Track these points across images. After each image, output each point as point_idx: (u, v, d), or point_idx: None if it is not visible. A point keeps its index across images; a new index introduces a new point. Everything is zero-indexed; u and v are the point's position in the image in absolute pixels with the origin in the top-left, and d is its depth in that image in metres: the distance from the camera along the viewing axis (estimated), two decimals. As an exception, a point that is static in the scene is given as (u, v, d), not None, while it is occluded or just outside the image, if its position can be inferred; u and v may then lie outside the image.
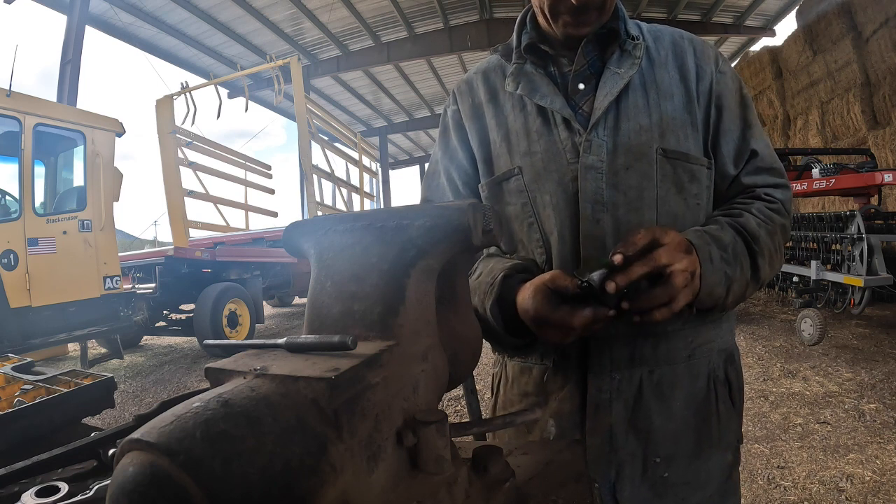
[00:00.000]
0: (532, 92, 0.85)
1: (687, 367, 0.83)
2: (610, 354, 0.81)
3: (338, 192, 9.76)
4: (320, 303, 0.48)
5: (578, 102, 0.84)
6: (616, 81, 0.81)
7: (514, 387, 0.92)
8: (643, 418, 0.81)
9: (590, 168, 0.80)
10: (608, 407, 0.81)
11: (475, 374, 0.75)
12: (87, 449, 0.56)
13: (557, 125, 0.83)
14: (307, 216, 7.82)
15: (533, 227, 0.86)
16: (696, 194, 0.83)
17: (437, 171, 1.00)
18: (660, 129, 0.81)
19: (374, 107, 17.12)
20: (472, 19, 11.77)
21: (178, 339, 7.48)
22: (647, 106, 0.82)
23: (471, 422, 0.57)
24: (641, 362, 0.81)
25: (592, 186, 0.80)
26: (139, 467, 0.29)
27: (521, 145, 0.86)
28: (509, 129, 0.89)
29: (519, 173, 0.86)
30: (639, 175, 0.80)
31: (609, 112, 0.81)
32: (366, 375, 0.38)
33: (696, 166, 0.82)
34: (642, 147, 0.80)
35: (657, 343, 0.81)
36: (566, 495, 0.48)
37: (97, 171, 5.33)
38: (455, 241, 0.46)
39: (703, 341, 0.84)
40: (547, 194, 0.83)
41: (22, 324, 4.56)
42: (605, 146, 0.80)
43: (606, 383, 0.81)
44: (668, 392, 0.82)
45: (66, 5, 7.57)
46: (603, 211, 0.80)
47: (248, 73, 9.16)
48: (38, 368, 1.15)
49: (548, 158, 0.83)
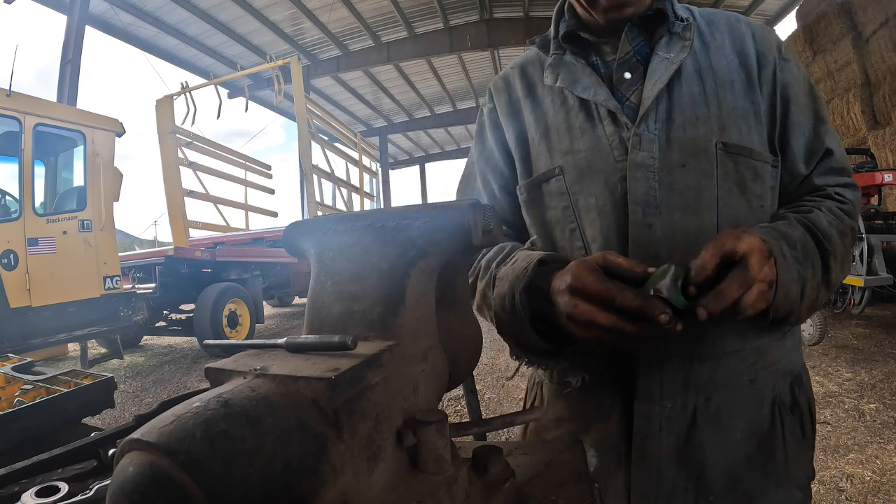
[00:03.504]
0: (573, 83, 0.76)
1: (749, 392, 0.72)
2: (660, 379, 0.71)
3: (338, 192, 9.76)
4: (320, 303, 0.48)
5: (625, 93, 0.75)
6: (666, 67, 0.72)
7: (549, 411, 0.84)
8: (696, 452, 0.71)
9: (640, 166, 0.71)
10: (657, 438, 0.71)
11: (475, 374, 0.73)
12: (87, 449, 0.56)
13: (602, 119, 0.74)
14: (307, 216, 7.82)
15: (575, 233, 0.77)
16: (759, 195, 0.73)
17: (472, 174, 0.93)
18: (719, 121, 0.71)
19: (374, 107, 17.12)
20: (472, 19, 11.78)
21: (178, 339, 7.48)
22: (704, 94, 0.72)
23: (471, 422, 0.57)
24: (697, 388, 0.71)
25: (643, 187, 0.70)
26: (139, 467, 0.29)
27: (563, 143, 0.78)
28: (549, 125, 0.80)
29: (560, 173, 0.77)
30: (696, 173, 0.70)
31: (660, 102, 0.72)
32: (366, 375, 0.38)
33: (761, 163, 0.72)
34: (699, 141, 0.70)
35: (715, 365, 0.71)
36: (566, 495, 0.48)
37: (97, 171, 5.33)
38: (455, 241, 0.46)
39: (767, 362, 0.73)
40: (591, 196, 0.74)
41: (22, 324, 4.56)
42: (656, 141, 0.71)
43: (656, 412, 0.71)
44: (727, 422, 0.71)
45: (66, 5, 7.57)
46: (655, 214, 0.70)
47: (248, 73, 9.16)
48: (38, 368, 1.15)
49: (592, 156, 0.75)
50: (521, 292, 0.66)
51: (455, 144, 25.81)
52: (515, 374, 0.96)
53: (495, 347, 5.65)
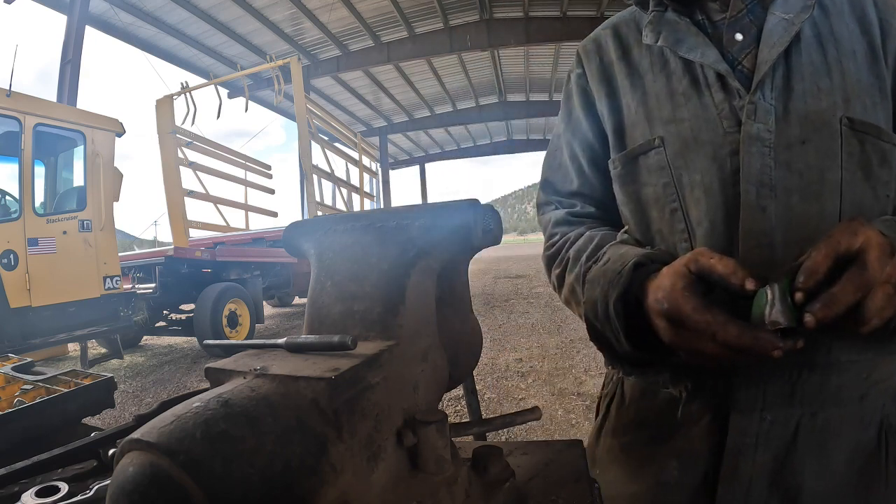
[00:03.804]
0: (677, 43, 0.68)
1: (857, 410, 0.64)
2: (763, 388, 0.63)
3: (338, 192, 9.76)
4: (320, 303, 0.48)
5: (737, 56, 0.66)
6: (786, 29, 0.63)
7: (630, 410, 0.76)
8: (793, 474, 0.63)
9: (755, 139, 0.62)
10: (751, 454, 0.64)
11: (475, 374, 0.73)
12: (87, 449, 0.56)
13: (710, 85, 0.66)
14: (307, 216, 7.83)
15: (676, 214, 0.68)
16: (886, 182, 0.63)
17: (558, 147, 0.86)
18: (843, 94, 0.62)
19: (374, 107, 17.14)
20: (472, 19, 11.79)
21: (178, 339, 7.48)
22: (826, 63, 0.63)
23: (471, 422, 0.57)
24: (803, 402, 0.63)
25: (758, 163, 0.62)
26: (139, 467, 0.29)
27: (664, 111, 0.69)
28: (647, 90, 0.72)
29: (660, 145, 0.69)
30: (819, 151, 0.61)
31: (777, 69, 0.63)
32: (366, 375, 0.38)
33: (888, 145, 0.63)
34: (823, 115, 0.62)
35: (826, 377, 0.62)
36: (566, 495, 0.48)
37: (97, 171, 5.33)
38: (455, 242, 0.46)
39: (879, 377, 0.64)
40: (697, 172, 0.66)
41: (22, 324, 4.56)
42: (772, 112, 0.62)
43: (754, 425, 0.63)
44: (831, 442, 0.63)
45: (66, 5, 7.58)
46: (770, 196, 0.61)
47: (248, 73, 9.17)
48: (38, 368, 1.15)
49: (698, 127, 0.66)
50: (615, 302, 0.60)
51: (455, 144, 25.84)
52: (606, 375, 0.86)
53: (495, 347, 5.65)
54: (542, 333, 6.28)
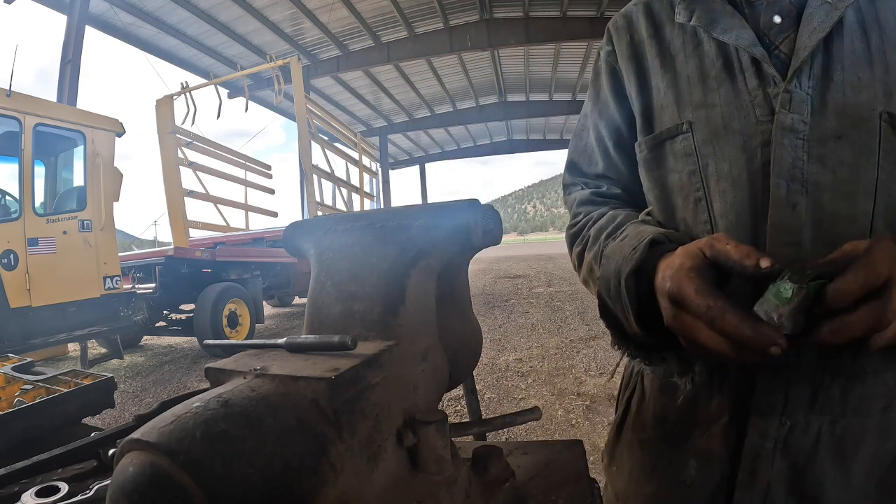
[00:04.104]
0: (711, 23, 0.64)
1: (880, 421, 0.61)
2: (785, 392, 0.61)
3: (338, 192, 9.76)
4: (320, 303, 0.48)
5: (774, 40, 0.62)
6: (828, 13, 0.58)
7: (650, 406, 0.74)
8: (813, 484, 0.61)
9: (788, 130, 0.59)
10: (769, 459, 0.61)
11: (475, 373, 0.72)
12: (87, 449, 0.56)
13: (745, 69, 0.63)
14: (307, 216, 7.83)
15: (700, 204, 0.66)
16: None
17: (585, 127, 0.83)
18: (885, 87, 0.58)
19: (374, 107, 17.14)
20: (473, 19, 11.79)
21: (178, 339, 7.48)
22: (868, 53, 0.59)
23: (471, 422, 0.57)
24: (824, 409, 0.60)
25: (790, 157, 0.59)
26: (139, 467, 0.29)
27: (695, 94, 0.66)
28: (678, 72, 0.68)
29: (688, 130, 0.66)
30: (855, 148, 0.58)
31: (816, 56, 0.59)
32: (366, 375, 0.38)
33: None
34: (861, 109, 0.58)
35: (849, 386, 0.60)
36: (566, 495, 0.48)
37: (97, 171, 5.34)
38: (455, 241, 0.46)
39: None
40: (725, 161, 0.63)
41: (22, 324, 4.56)
42: (808, 102, 0.59)
43: (773, 429, 0.61)
44: (851, 452, 0.60)
45: (66, 5, 7.58)
46: (801, 192, 0.58)
47: (248, 73, 9.17)
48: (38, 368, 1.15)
49: (729, 113, 0.63)
50: (627, 277, 0.58)
51: (455, 144, 25.84)
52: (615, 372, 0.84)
53: (495, 347, 5.65)
54: (542, 333, 6.28)
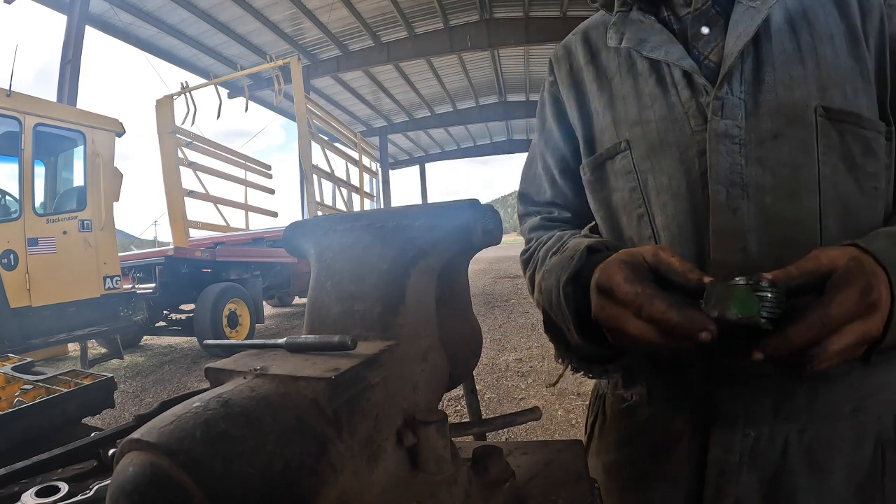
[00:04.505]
0: (640, 43, 0.65)
1: (851, 424, 0.60)
2: (745, 403, 0.59)
3: (338, 192, 9.76)
4: (320, 303, 0.48)
5: (703, 51, 0.63)
6: (752, 17, 0.59)
7: (612, 429, 0.74)
8: (786, 496, 0.59)
9: (723, 136, 0.59)
10: (736, 474, 0.60)
11: (475, 373, 0.72)
12: (87, 449, 0.56)
13: (676, 83, 0.63)
14: (307, 216, 7.83)
15: (643, 219, 0.66)
16: (872, 174, 0.59)
17: (533, 157, 0.86)
18: (818, 82, 0.58)
19: (374, 107, 17.15)
20: (473, 19, 11.80)
21: (178, 339, 7.48)
22: (799, 50, 0.59)
23: (471, 422, 0.57)
24: (790, 417, 0.59)
25: (727, 162, 0.59)
26: (139, 467, 0.29)
27: (630, 113, 0.67)
28: (614, 93, 0.70)
29: (626, 148, 0.67)
30: (793, 146, 0.58)
31: (745, 60, 0.60)
32: (366, 375, 0.38)
33: (872, 134, 0.59)
34: (795, 106, 0.58)
35: (814, 392, 0.58)
36: (566, 495, 0.48)
37: (97, 171, 5.34)
38: (455, 241, 0.46)
39: (873, 389, 0.60)
40: (663, 175, 0.63)
41: (22, 324, 4.56)
42: (742, 106, 0.59)
43: (737, 442, 0.60)
44: (824, 460, 0.59)
45: (66, 5, 7.58)
46: (742, 197, 0.58)
47: (248, 73, 9.17)
48: (38, 368, 1.15)
49: (664, 127, 0.64)
50: (565, 285, 0.58)
51: (455, 144, 25.85)
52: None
53: (495, 347, 5.65)
54: (542, 333, 6.24)
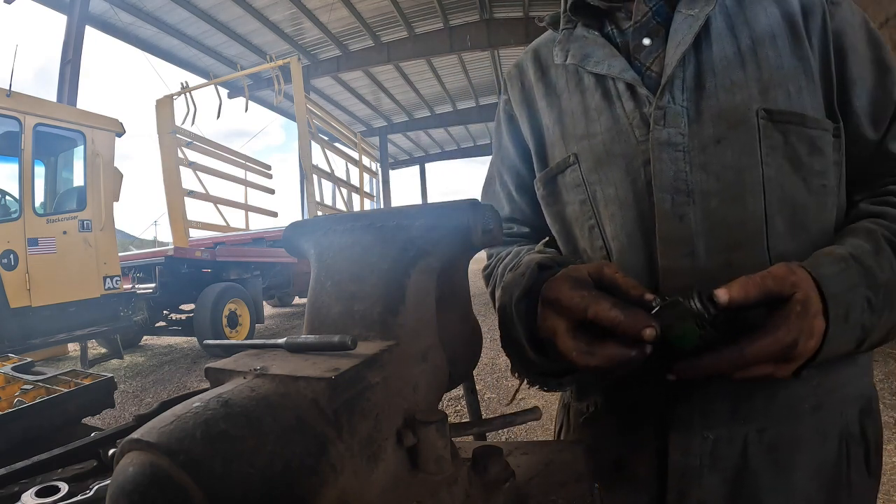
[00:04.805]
0: (584, 59, 0.66)
1: (813, 422, 0.60)
2: (701, 405, 0.60)
3: (338, 192, 9.76)
4: (320, 303, 0.48)
5: (644, 62, 0.64)
6: (690, 25, 0.60)
7: (574, 438, 0.75)
8: (749, 496, 0.60)
9: (665, 145, 0.60)
10: (697, 477, 0.60)
11: (475, 374, 0.72)
12: (87, 449, 0.56)
13: (621, 95, 0.64)
14: (307, 216, 7.83)
15: (594, 231, 0.67)
16: (820, 172, 0.60)
17: (492, 176, 0.87)
18: (759, 84, 0.59)
19: (374, 107, 17.15)
20: (473, 19, 11.79)
21: (178, 339, 7.48)
22: (739, 54, 0.60)
23: (471, 422, 0.57)
24: (748, 418, 0.59)
25: (671, 170, 0.60)
26: (139, 467, 0.29)
27: (578, 127, 0.68)
28: (563, 109, 0.71)
29: (575, 162, 0.68)
30: (736, 149, 0.59)
31: (686, 67, 0.61)
32: (366, 375, 0.38)
33: (818, 132, 0.59)
34: (737, 110, 0.59)
35: (772, 392, 0.59)
36: (566, 495, 0.48)
37: (97, 171, 5.34)
38: (455, 241, 0.46)
39: (833, 386, 0.61)
40: (611, 186, 0.65)
41: (22, 324, 4.56)
42: (684, 114, 0.60)
43: (696, 445, 0.60)
44: (787, 459, 0.60)
45: (66, 5, 7.58)
46: (688, 203, 0.59)
47: (248, 73, 9.17)
48: (38, 368, 1.15)
49: (610, 139, 0.65)
50: (517, 301, 0.58)
51: (455, 144, 25.83)
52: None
53: (495, 347, 5.63)
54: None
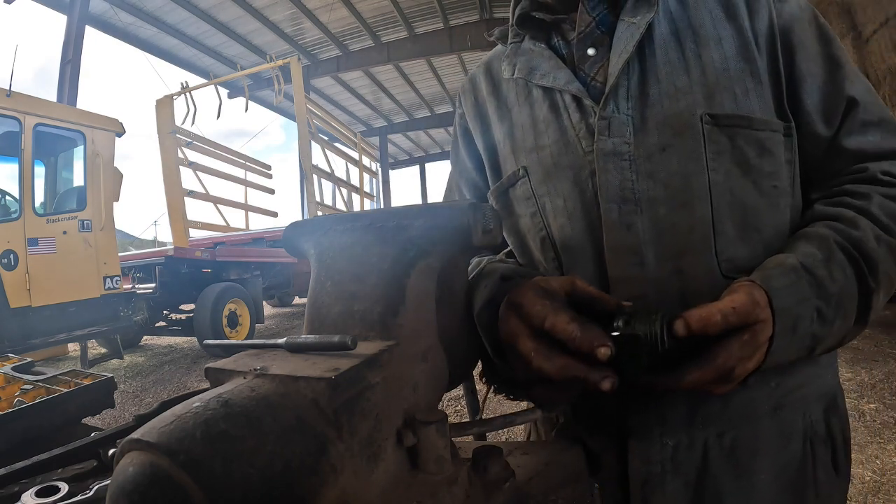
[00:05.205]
0: (531, 72, 0.66)
1: (773, 423, 0.59)
2: (658, 411, 0.59)
3: (338, 192, 9.76)
4: (320, 303, 0.48)
5: (589, 72, 0.63)
6: (633, 33, 0.59)
7: None
8: (712, 500, 0.59)
9: (611, 154, 0.59)
10: (659, 483, 0.59)
11: (475, 374, 0.72)
12: (87, 449, 0.56)
13: (567, 107, 0.64)
14: (307, 216, 7.83)
15: (546, 242, 0.67)
16: (770, 173, 0.59)
17: (451, 188, 0.88)
18: (704, 89, 0.58)
19: (374, 107, 17.13)
20: (472, 19, 11.78)
21: (178, 339, 7.49)
22: (684, 60, 0.60)
23: (471, 422, 0.57)
24: (706, 422, 0.59)
25: (617, 179, 0.59)
26: (139, 467, 0.29)
27: (527, 140, 0.68)
28: (513, 122, 0.71)
29: (524, 175, 0.68)
30: (681, 156, 0.58)
31: (629, 76, 0.60)
32: (366, 375, 0.38)
33: (766, 133, 0.59)
34: (682, 116, 0.58)
35: (728, 396, 0.57)
36: (566, 495, 0.48)
37: (97, 171, 5.34)
38: (455, 241, 0.46)
39: (794, 385, 0.60)
40: (559, 198, 0.64)
41: (22, 324, 4.56)
42: (629, 123, 0.60)
43: (656, 452, 0.59)
44: (748, 461, 0.59)
45: (66, 5, 7.58)
46: (636, 212, 0.59)
47: (248, 73, 9.17)
48: (38, 368, 1.15)
49: (558, 151, 0.64)
50: (479, 312, 0.58)
51: (455, 144, 25.79)
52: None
53: (495, 347, 5.64)
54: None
